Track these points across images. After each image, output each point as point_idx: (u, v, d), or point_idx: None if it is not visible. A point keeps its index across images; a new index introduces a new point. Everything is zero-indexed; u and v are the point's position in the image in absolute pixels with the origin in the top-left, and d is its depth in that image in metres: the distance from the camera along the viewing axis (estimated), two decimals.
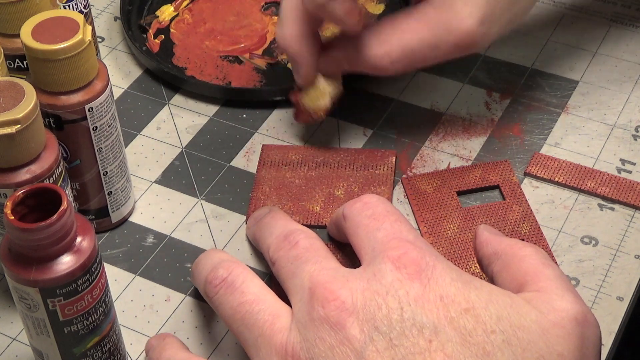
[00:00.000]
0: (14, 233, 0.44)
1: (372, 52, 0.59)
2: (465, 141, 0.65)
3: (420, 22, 0.59)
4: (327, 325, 0.44)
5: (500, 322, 0.43)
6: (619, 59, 0.70)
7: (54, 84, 0.53)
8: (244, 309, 0.48)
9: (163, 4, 0.75)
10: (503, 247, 0.49)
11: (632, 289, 0.56)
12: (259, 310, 0.47)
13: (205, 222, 0.60)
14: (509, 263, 0.48)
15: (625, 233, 0.59)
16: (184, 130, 0.66)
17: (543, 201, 0.61)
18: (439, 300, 0.44)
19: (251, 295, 0.48)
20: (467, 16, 0.57)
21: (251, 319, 0.47)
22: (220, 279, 0.49)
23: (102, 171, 0.57)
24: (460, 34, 0.58)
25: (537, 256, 0.48)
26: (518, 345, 0.43)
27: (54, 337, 0.48)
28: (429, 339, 0.43)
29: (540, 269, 0.47)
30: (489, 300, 0.44)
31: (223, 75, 0.69)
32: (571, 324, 0.44)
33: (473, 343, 0.43)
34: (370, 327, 0.43)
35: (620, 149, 0.64)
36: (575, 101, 0.67)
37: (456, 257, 0.57)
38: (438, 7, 0.58)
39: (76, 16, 0.53)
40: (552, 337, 0.43)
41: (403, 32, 0.59)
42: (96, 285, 0.47)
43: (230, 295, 0.49)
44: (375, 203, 0.50)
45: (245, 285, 0.49)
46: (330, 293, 0.45)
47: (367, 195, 0.51)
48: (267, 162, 0.63)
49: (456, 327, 0.43)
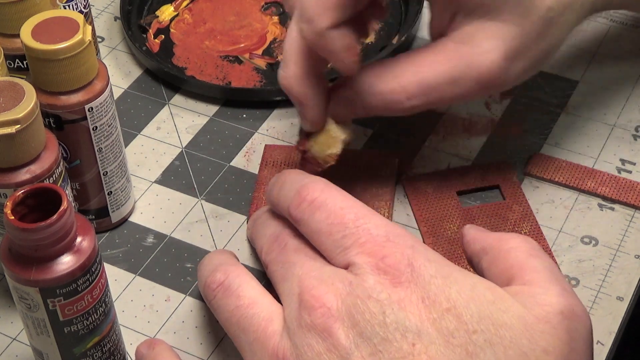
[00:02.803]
0: (14, 233, 0.44)
1: (387, 87, 0.55)
2: (465, 141, 0.65)
3: (439, 55, 0.55)
4: (314, 332, 0.44)
5: (481, 321, 0.42)
6: (619, 59, 0.70)
7: (54, 84, 0.53)
8: (240, 312, 0.48)
9: (163, 4, 0.75)
10: (490, 242, 0.47)
11: (632, 289, 0.56)
12: (253, 314, 0.47)
13: (205, 222, 0.60)
14: (496, 257, 0.47)
15: (625, 233, 0.59)
16: (184, 130, 0.66)
17: (543, 201, 0.61)
18: (420, 302, 0.43)
19: (246, 299, 0.48)
20: (489, 50, 0.54)
21: (246, 322, 0.47)
22: (218, 283, 0.49)
23: (102, 171, 0.57)
24: (483, 69, 0.54)
25: (525, 247, 0.46)
26: (500, 344, 0.42)
27: (54, 337, 0.48)
28: (412, 343, 0.42)
29: (526, 261, 0.46)
30: (471, 297, 0.43)
31: (223, 75, 0.69)
32: (556, 318, 0.43)
33: (456, 344, 0.42)
34: (355, 333, 0.43)
35: (620, 149, 0.64)
36: (575, 101, 0.67)
37: (456, 257, 0.57)
38: (459, 41, 0.55)
39: (76, 16, 0.53)
40: (536, 332, 0.42)
41: (420, 65, 0.55)
42: (96, 285, 0.47)
43: (226, 299, 0.49)
44: (323, 200, 0.47)
45: (240, 289, 0.49)
46: (316, 300, 0.44)
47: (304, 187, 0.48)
48: (269, 162, 0.63)
49: (439, 328, 0.42)
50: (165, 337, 0.55)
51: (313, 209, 0.47)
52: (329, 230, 0.47)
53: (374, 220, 0.46)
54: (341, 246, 0.46)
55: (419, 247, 0.45)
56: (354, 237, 0.46)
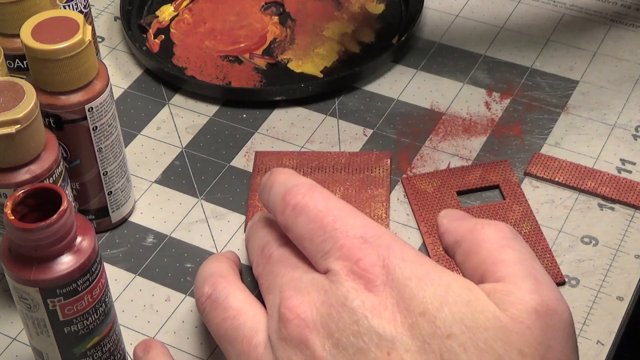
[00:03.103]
0: (14, 233, 0.44)
1: None
2: (465, 141, 0.65)
3: None
4: (292, 345, 0.43)
5: (456, 325, 0.41)
6: (619, 59, 0.70)
7: (54, 84, 0.53)
8: (227, 324, 0.47)
9: (163, 3, 0.75)
10: (462, 234, 0.46)
11: (632, 288, 0.56)
12: (238, 325, 0.47)
13: (205, 222, 0.60)
14: (469, 251, 0.45)
15: (625, 233, 0.59)
16: (184, 130, 0.66)
17: (543, 201, 0.61)
18: (395, 307, 0.42)
19: (232, 311, 0.48)
20: None
21: (232, 334, 0.47)
22: (206, 295, 0.49)
23: (102, 171, 0.57)
24: None
25: (496, 237, 0.45)
26: (475, 347, 0.41)
27: (54, 337, 0.47)
28: (387, 351, 0.41)
29: (497, 254, 0.44)
30: (445, 299, 0.42)
31: (223, 75, 0.69)
32: (530, 317, 0.42)
33: (431, 350, 0.41)
34: (331, 344, 0.42)
35: (621, 149, 0.64)
36: (575, 101, 0.67)
37: None
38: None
39: (76, 16, 0.53)
40: (511, 334, 0.41)
41: None
42: (96, 285, 0.47)
43: (214, 311, 0.48)
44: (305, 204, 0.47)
45: (227, 300, 0.48)
46: (290, 311, 0.44)
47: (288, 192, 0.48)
48: (261, 169, 0.63)
49: (414, 334, 0.42)
50: (165, 337, 0.55)
51: (295, 214, 0.47)
52: (310, 235, 0.46)
53: (351, 221, 0.46)
54: (322, 250, 0.45)
55: (395, 246, 0.44)
56: (332, 240, 0.45)
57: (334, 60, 0.70)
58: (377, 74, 0.69)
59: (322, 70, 0.69)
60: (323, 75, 0.69)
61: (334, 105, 0.67)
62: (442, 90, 0.68)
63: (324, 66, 0.70)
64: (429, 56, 0.71)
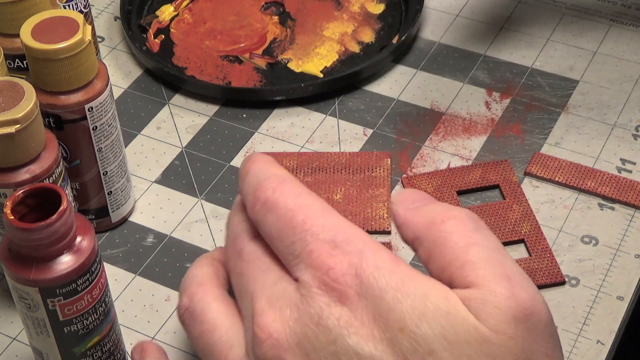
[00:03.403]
0: (14, 233, 0.44)
1: None
2: (465, 141, 0.65)
3: None
4: None
5: (437, 340, 0.39)
6: (619, 59, 0.70)
7: (54, 83, 0.53)
8: (204, 339, 0.46)
9: (163, 3, 0.75)
10: (421, 229, 0.43)
11: (632, 288, 0.56)
12: (215, 341, 0.45)
13: (205, 222, 0.60)
14: (432, 250, 0.42)
15: (625, 233, 0.59)
16: (184, 130, 0.66)
17: (543, 201, 0.61)
18: (372, 321, 0.40)
19: (208, 325, 0.46)
20: None
21: (209, 349, 0.45)
22: (184, 307, 0.47)
23: (102, 171, 0.57)
24: None
25: (459, 233, 0.42)
26: None
27: (53, 337, 0.47)
28: None
29: (464, 254, 0.41)
30: (423, 312, 0.39)
31: (223, 75, 0.69)
32: (510, 327, 0.40)
33: None
34: None
35: (621, 149, 0.64)
36: (575, 101, 0.67)
37: None
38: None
39: (76, 16, 0.53)
40: (493, 347, 0.39)
41: None
42: (96, 285, 0.47)
43: (192, 324, 0.46)
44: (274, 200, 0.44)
45: (202, 313, 0.46)
46: (263, 330, 0.42)
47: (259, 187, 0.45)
48: None
49: (394, 351, 0.39)
50: (165, 337, 0.55)
51: (265, 211, 0.44)
52: (279, 235, 0.43)
53: (322, 222, 0.43)
54: (292, 253, 0.43)
55: (368, 251, 0.41)
56: (302, 243, 0.42)
57: (334, 60, 0.70)
58: (377, 74, 0.69)
59: (322, 70, 0.69)
60: (323, 75, 0.69)
61: (334, 105, 0.67)
62: (442, 90, 0.68)
63: (324, 66, 0.70)
64: (429, 56, 0.71)
